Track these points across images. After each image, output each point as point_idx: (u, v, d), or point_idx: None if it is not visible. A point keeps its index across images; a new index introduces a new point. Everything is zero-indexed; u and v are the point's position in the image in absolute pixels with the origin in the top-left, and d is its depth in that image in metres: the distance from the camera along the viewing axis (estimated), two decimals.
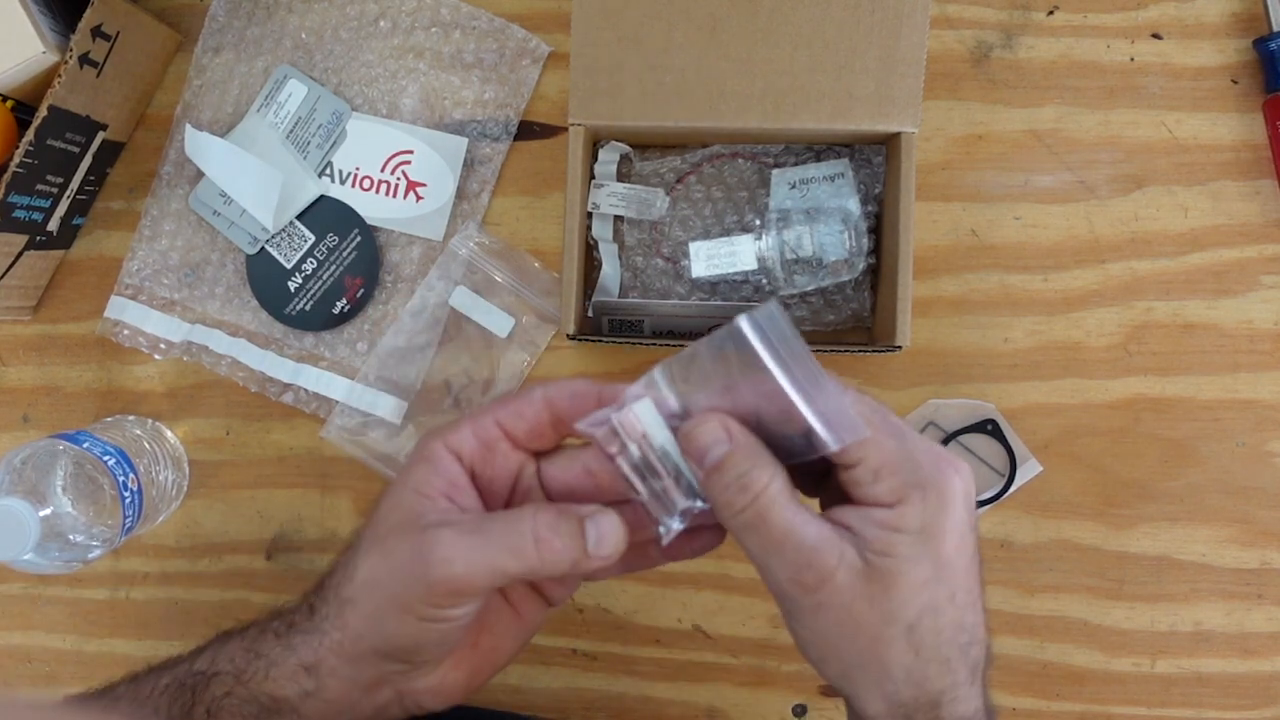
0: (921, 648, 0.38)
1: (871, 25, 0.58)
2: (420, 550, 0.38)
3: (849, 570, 0.38)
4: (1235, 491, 0.66)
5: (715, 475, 0.38)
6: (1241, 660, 0.67)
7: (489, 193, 0.67)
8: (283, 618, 0.43)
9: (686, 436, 0.39)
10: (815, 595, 0.38)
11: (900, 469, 0.38)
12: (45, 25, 0.58)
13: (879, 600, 0.38)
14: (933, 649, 0.38)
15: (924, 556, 0.38)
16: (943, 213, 0.66)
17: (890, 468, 0.38)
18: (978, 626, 0.39)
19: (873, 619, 0.38)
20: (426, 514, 0.39)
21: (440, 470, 0.40)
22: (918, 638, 0.38)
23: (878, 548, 0.38)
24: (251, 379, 0.67)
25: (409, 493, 0.40)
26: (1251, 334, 0.66)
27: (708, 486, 0.39)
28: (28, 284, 0.66)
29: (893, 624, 0.38)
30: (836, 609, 0.38)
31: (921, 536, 0.38)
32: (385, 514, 0.41)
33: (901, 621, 0.38)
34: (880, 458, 0.38)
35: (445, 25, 0.67)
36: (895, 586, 0.37)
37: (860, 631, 0.38)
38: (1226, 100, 0.66)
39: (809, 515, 0.39)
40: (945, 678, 0.38)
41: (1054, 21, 0.66)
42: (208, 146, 0.65)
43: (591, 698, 0.68)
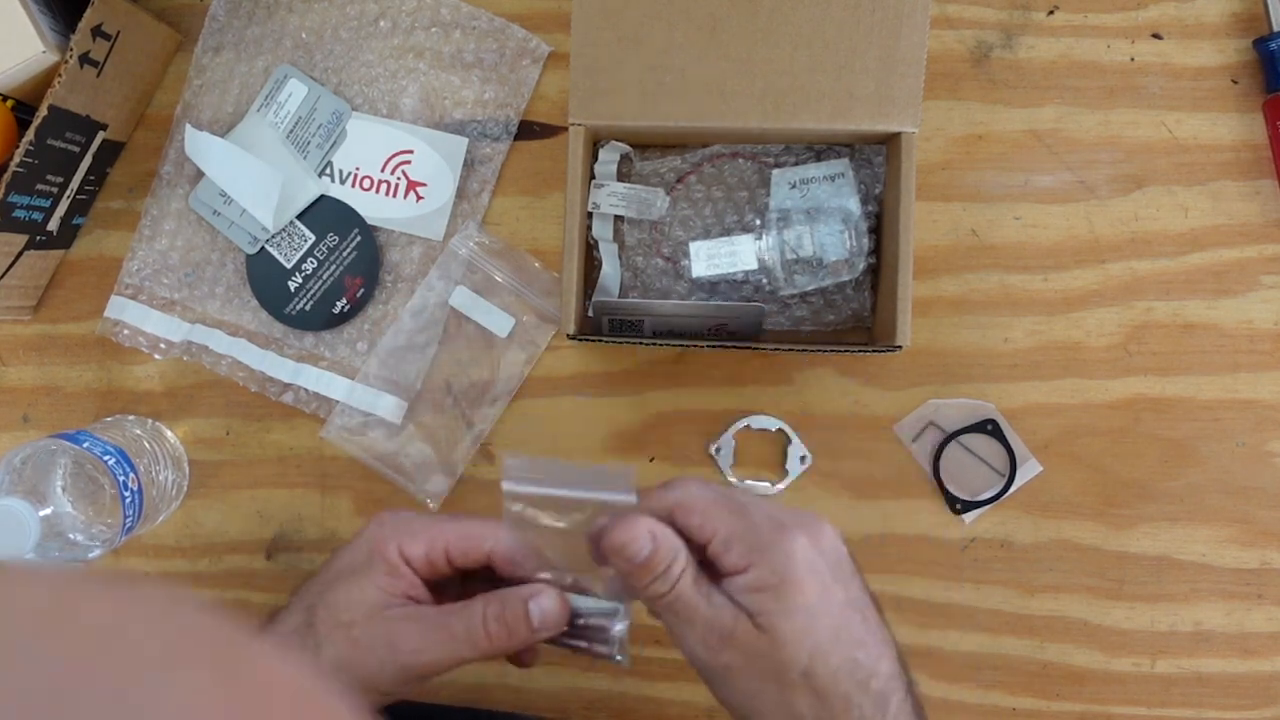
0: (820, 690, 0.43)
1: (872, 25, 0.58)
2: (392, 641, 0.46)
3: (745, 631, 0.44)
4: (1235, 491, 0.66)
5: (641, 572, 0.44)
6: (1241, 660, 0.67)
7: (489, 193, 0.67)
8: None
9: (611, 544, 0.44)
10: (721, 656, 0.44)
11: (743, 537, 0.44)
12: (45, 25, 0.58)
13: (772, 652, 0.43)
14: (830, 689, 0.43)
15: (792, 609, 0.43)
16: (943, 213, 0.66)
17: (734, 537, 0.44)
18: (877, 660, 0.44)
19: (773, 670, 0.43)
20: (391, 607, 0.47)
21: (397, 575, 0.47)
22: (815, 682, 0.43)
23: (753, 608, 0.44)
24: (251, 379, 0.67)
25: (374, 590, 0.47)
26: (1251, 334, 0.66)
27: (634, 579, 0.45)
28: (28, 284, 0.66)
29: (790, 671, 0.43)
30: (743, 668, 0.44)
31: (779, 591, 0.43)
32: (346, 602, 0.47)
33: (796, 668, 0.43)
34: (725, 531, 0.44)
35: (445, 25, 0.67)
36: (779, 637, 0.43)
37: (766, 684, 0.44)
38: (1226, 100, 0.66)
39: (714, 591, 0.45)
40: (850, 713, 0.43)
41: (1054, 21, 0.66)
42: (208, 146, 0.65)
43: (592, 698, 0.68)
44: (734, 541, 0.44)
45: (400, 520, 0.49)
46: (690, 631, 0.45)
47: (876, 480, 0.67)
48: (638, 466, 0.67)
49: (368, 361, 0.67)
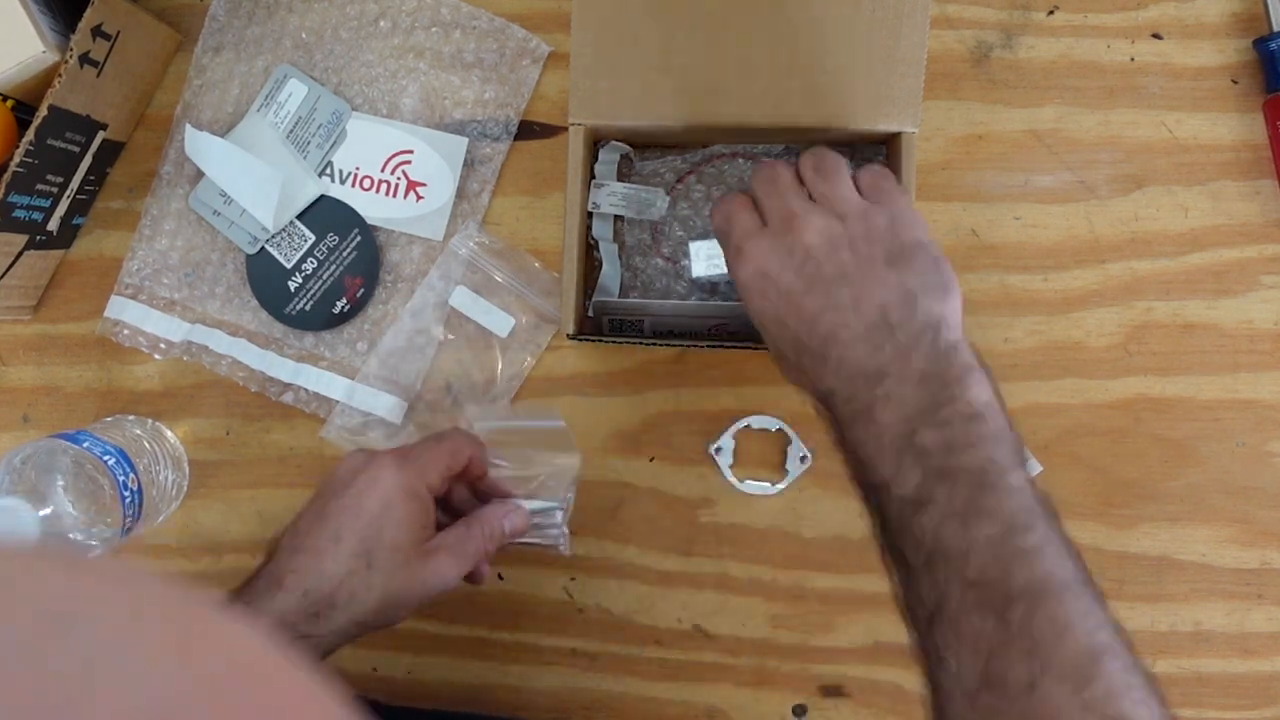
0: (787, 365, 0.51)
1: (872, 25, 0.58)
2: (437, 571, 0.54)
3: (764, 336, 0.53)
4: (1235, 491, 0.66)
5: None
6: (1241, 660, 0.67)
7: (489, 192, 0.67)
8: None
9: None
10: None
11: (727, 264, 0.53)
12: (45, 25, 0.58)
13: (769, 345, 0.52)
14: (790, 365, 0.51)
15: (756, 311, 0.51)
16: (943, 213, 0.66)
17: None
18: (813, 326, 0.49)
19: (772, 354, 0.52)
20: (421, 539, 0.54)
21: (427, 508, 0.55)
22: (785, 360, 0.51)
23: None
24: (251, 379, 0.67)
25: (419, 529, 0.54)
26: (1251, 334, 0.66)
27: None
28: (28, 284, 0.66)
29: (775, 355, 0.52)
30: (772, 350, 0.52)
31: (746, 304, 0.51)
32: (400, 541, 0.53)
33: (776, 353, 0.51)
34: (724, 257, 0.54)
35: (445, 25, 0.67)
36: (764, 336, 0.51)
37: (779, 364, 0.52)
38: (1226, 100, 0.66)
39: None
40: (804, 374, 0.50)
41: (1054, 21, 0.66)
42: (208, 146, 0.65)
43: (591, 698, 0.68)
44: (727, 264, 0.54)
45: (407, 460, 0.54)
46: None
47: None
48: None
49: (368, 361, 0.67)
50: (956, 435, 0.45)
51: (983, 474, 0.44)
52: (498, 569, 0.68)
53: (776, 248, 0.50)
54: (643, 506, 0.68)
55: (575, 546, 0.67)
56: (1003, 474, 0.44)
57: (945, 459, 0.45)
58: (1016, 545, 0.43)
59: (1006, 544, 0.43)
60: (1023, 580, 0.42)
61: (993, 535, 0.43)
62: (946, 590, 0.43)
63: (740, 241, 0.51)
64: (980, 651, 0.42)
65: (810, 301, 0.49)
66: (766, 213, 0.51)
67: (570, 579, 0.68)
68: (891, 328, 0.47)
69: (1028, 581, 0.42)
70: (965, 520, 0.43)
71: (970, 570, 0.43)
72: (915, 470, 0.45)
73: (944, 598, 0.43)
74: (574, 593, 0.68)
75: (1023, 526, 0.43)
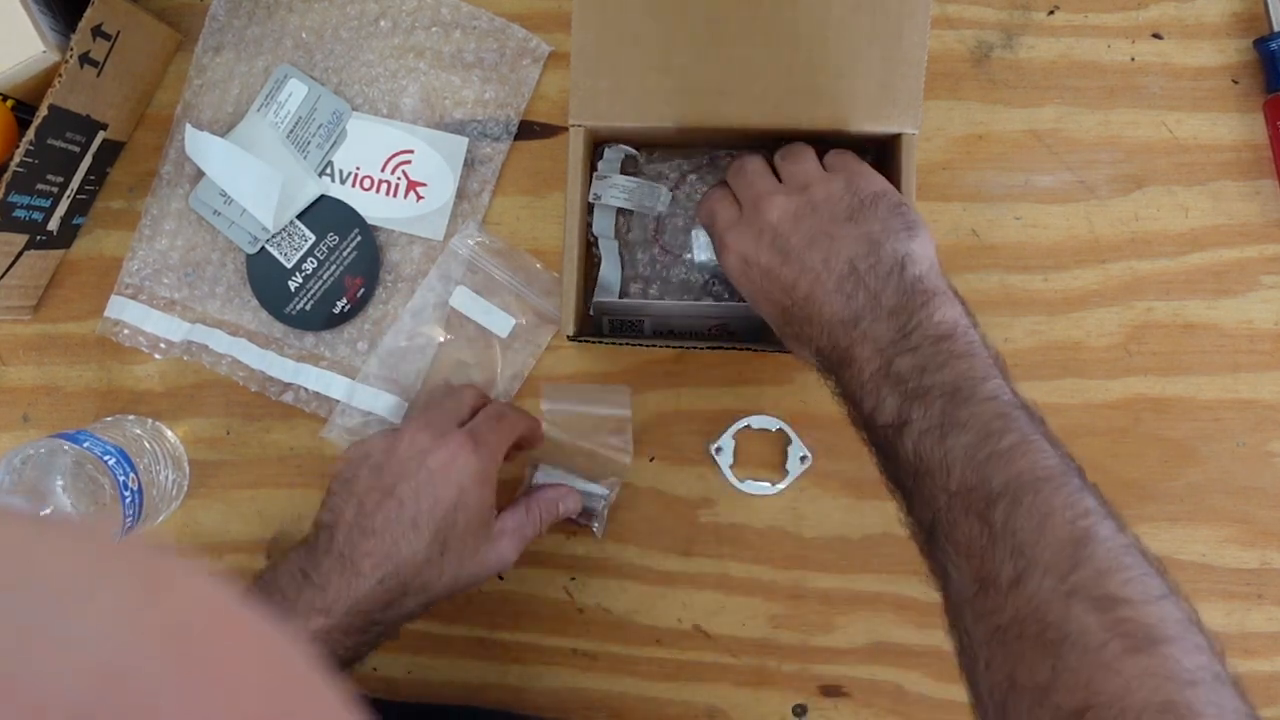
0: (784, 337, 0.55)
1: (873, 26, 0.58)
2: (502, 556, 0.58)
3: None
4: (1235, 491, 0.66)
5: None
6: (1241, 660, 0.67)
7: (489, 192, 0.67)
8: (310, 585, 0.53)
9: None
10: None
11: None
12: (45, 25, 0.58)
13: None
14: (787, 336, 0.55)
15: (747, 295, 0.55)
16: (943, 213, 0.66)
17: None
18: (793, 292, 0.52)
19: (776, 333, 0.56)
20: (490, 524, 0.57)
21: (495, 490, 0.57)
22: (782, 332, 0.55)
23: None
24: (252, 379, 0.67)
25: (481, 509, 0.56)
26: (1251, 334, 0.66)
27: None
28: (28, 284, 0.66)
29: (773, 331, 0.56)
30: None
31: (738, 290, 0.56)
32: (474, 530, 0.55)
33: (773, 329, 0.56)
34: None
35: (446, 25, 0.67)
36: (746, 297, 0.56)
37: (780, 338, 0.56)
38: (1227, 100, 0.66)
39: None
40: (799, 340, 0.53)
41: (1054, 21, 0.66)
42: (208, 146, 0.65)
43: (592, 697, 0.68)
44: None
45: (480, 444, 0.56)
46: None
47: (876, 480, 0.67)
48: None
49: (368, 361, 0.67)
50: (927, 357, 0.47)
51: (955, 389, 0.46)
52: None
53: (750, 231, 0.54)
54: (643, 506, 0.68)
55: (575, 546, 0.67)
56: (976, 385, 0.46)
57: (919, 379, 0.47)
58: (992, 449, 0.44)
59: (982, 448, 0.44)
60: (1000, 481, 0.43)
61: (969, 443, 0.45)
62: (935, 504, 0.45)
63: (722, 233, 0.55)
64: (972, 556, 0.43)
65: (787, 271, 0.52)
66: (741, 201, 0.55)
67: (570, 579, 0.68)
68: (860, 275, 0.50)
69: (1005, 481, 0.43)
70: (943, 433, 0.45)
71: (952, 481, 0.45)
72: (894, 396, 0.48)
73: (936, 512, 0.45)
74: (574, 593, 0.68)
75: (999, 431, 0.45)
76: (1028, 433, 0.45)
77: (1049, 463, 0.44)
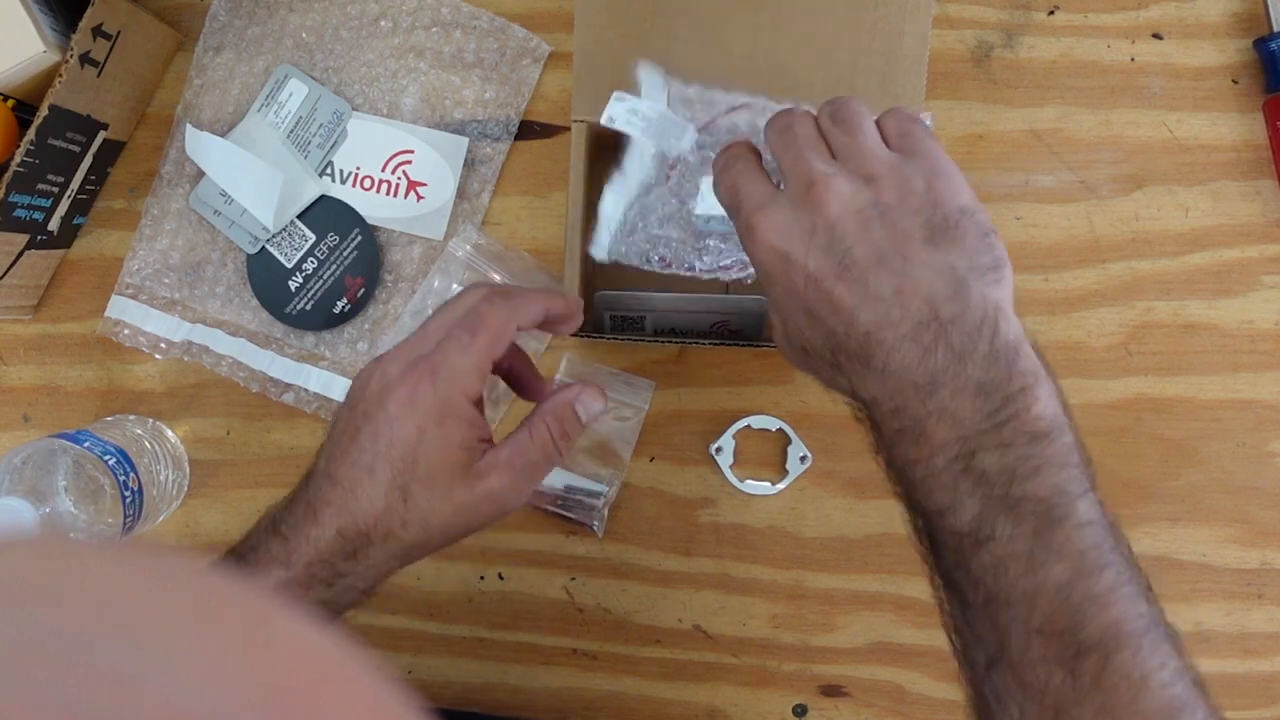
0: (813, 360, 0.46)
1: (875, 25, 0.58)
2: (494, 497, 0.48)
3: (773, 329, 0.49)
4: (1235, 491, 0.66)
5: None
6: (1241, 660, 0.67)
7: (489, 192, 0.67)
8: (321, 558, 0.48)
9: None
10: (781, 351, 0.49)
11: (740, 238, 0.46)
12: (46, 25, 0.58)
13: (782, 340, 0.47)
14: (819, 359, 0.45)
15: (773, 300, 0.46)
16: None
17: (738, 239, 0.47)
18: (850, 323, 0.42)
19: (792, 350, 0.47)
20: (466, 463, 0.47)
21: (471, 422, 0.48)
22: (809, 355, 0.46)
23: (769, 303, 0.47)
24: (252, 379, 0.67)
25: (461, 452, 0.47)
26: (1252, 334, 0.66)
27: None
28: (28, 283, 0.66)
29: (791, 351, 0.47)
30: (786, 350, 0.48)
31: (764, 288, 0.45)
32: (439, 473, 0.47)
33: (795, 349, 0.46)
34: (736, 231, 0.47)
35: (446, 25, 0.67)
36: (778, 328, 0.47)
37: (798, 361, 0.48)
38: (1227, 100, 0.66)
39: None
40: (842, 374, 0.44)
41: (1055, 21, 0.66)
42: (208, 146, 0.65)
43: (592, 697, 0.68)
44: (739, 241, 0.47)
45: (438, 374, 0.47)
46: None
47: (876, 480, 0.66)
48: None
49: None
50: (1020, 459, 0.40)
51: (1050, 505, 0.40)
52: (497, 569, 0.68)
53: (797, 223, 0.43)
54: (643, 506, 0.68)
55: (575, 546, 0.67)
56: (1072, 504, 0.40)
57: (1008, 487, 0.40)
58: (1087, 589, 0.39)
59: (1076, 588, 0.39)
60: (1095, 630, 0.38)
61: (1061, 579, 0.39)
62: (1008, 635, 0.40)
63: (752, 214, 0.44)
64: (1047, 706, 0.39)
65: (844, 292, 0.42)
66: (783, 175, 0.44)
67: (570, 579, 0.68)
68: (943, 325, 0.41)
69: (1100, 631, 0.38)
70: (1031, 561, 0.39)
71: (1036, 617, 0.39)
72: (974, 499, 0.40)
73: (1005, 643, 0.40)
74: (574, 593, 0.68)
75: (1094, 567, 0.39)
76: (1122, 571, 0.40)
77: (1142, 611, 0.39)
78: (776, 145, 0.45)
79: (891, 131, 0.45)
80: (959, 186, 0.44)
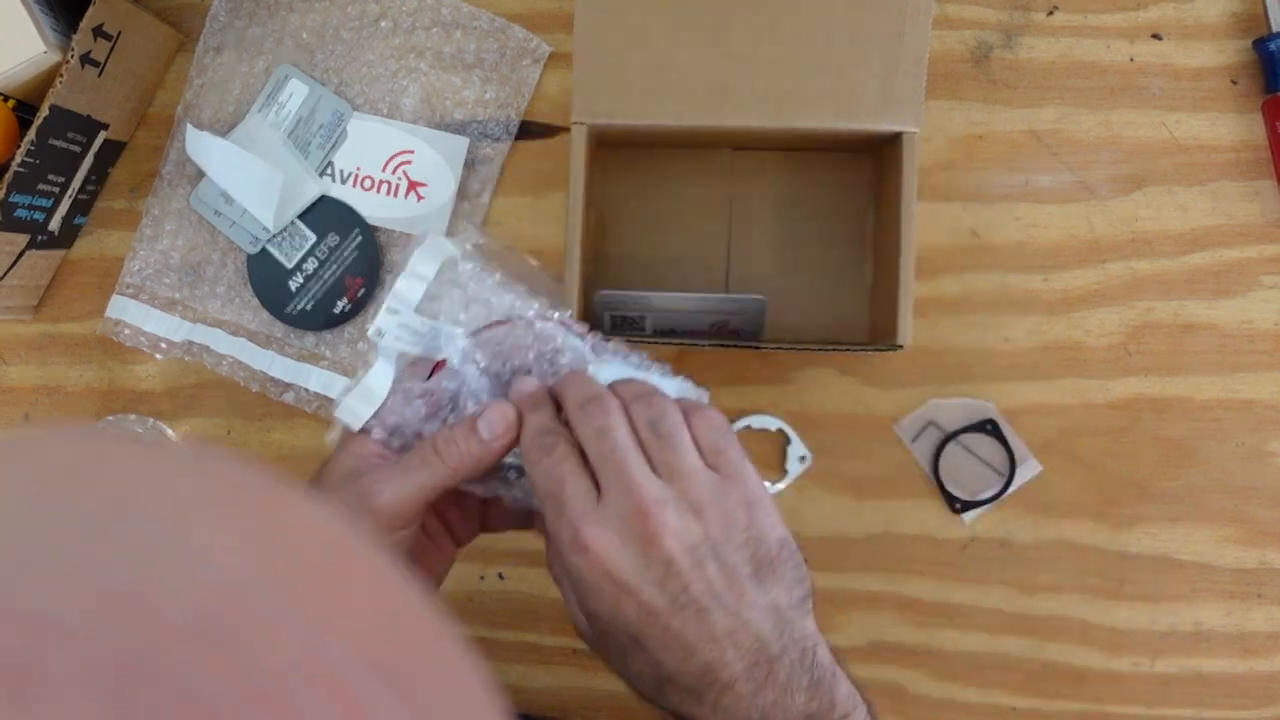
0: (633, 680, 0.46)
1: (875, 25, 0.58)
2: (363, 493, 0.46)
3: (580, 624, 0.49)
4: (1235, 491, 0.67)
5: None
6: (1241, 660, 0.67)
7: (490, 192, 0.67)
8: None
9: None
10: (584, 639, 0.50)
11: (555, 538, 0.45)
12: (46, 25, 0.58)
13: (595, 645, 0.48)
14: (639, 681, 0.46)
15: (593, 613, 0.45)
16: (943, 213, 0.66)
17: (552, 536, 0.46)
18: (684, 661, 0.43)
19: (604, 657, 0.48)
20: (361, 468, 0.48)
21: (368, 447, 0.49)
22: (628, 673, 0.46)
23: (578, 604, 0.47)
24: (252, 379, 0.67)
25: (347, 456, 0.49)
26: (1251, 334, 0.66)
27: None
28: (29, 283, 0.66)
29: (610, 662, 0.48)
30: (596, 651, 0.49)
31: (582, 599, 0.45)
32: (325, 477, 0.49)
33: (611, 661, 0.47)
34: (548, 527, 0.46)
35: (446, 25, 0.67)
36: (593, 638, 0.48)
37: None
38: (1226, 100, 0.66)
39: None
40: (669, 701, 0.45)
41: (1054, 22, 0.66)
42: (209, 146, 0.65)
43: (592, 697, 0.68)
44: (552, 538, 0.46)
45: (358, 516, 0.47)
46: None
47: (876, 480, 0.67)
48: None
49: None
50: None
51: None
52: (497, 568, 0.68)
53: (629, 549, 0.42)
54: None
55: None
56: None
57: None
58: None
59: None
60: None
61: None
62: None
63: (581, 526, 0.43)
64: None
65: (680, 627, 0.42)
66: (605, 485, 0.43)
67: None
68: (771, 663, 0.42)
69: None
70: None
71: None
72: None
73: None
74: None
75: None
76: None
77: None
78: (593, 447, 0.44)
79: (705, 445, 0.45)
80: (774, 515, 0.45)
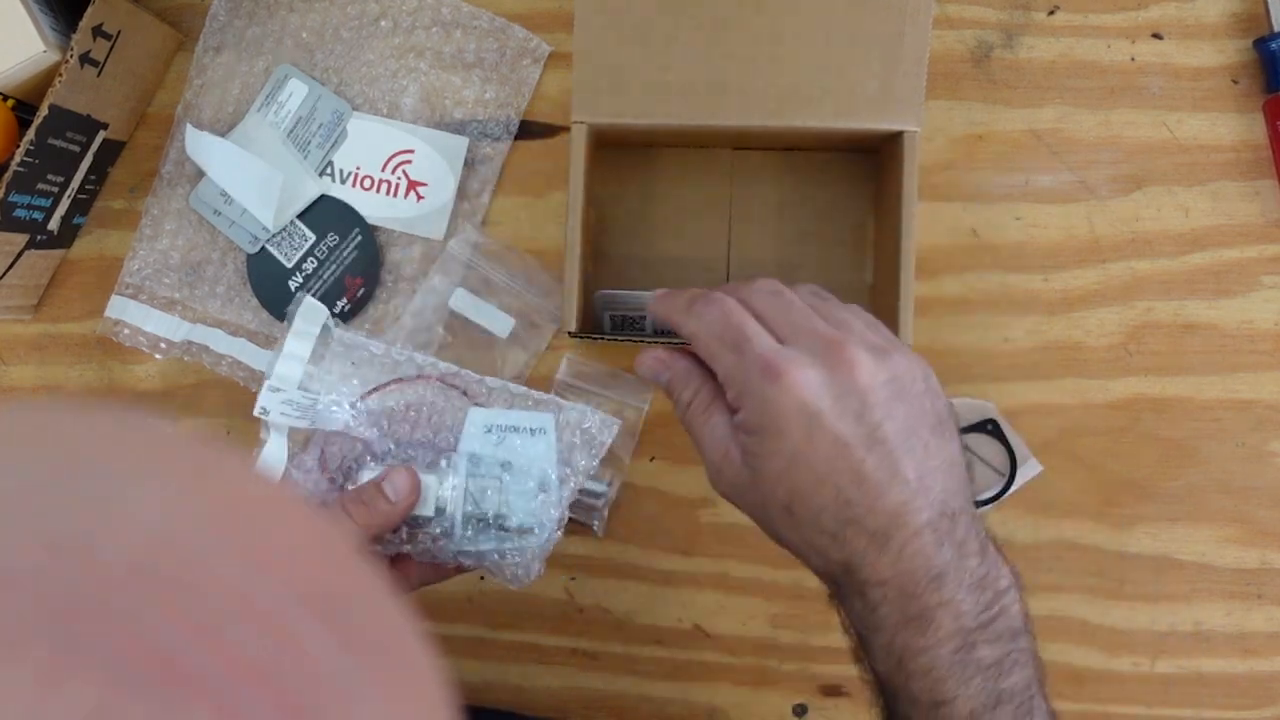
0: (801, 525, 0.43)
1: (875, 24, 0.58)
2: None
3: (732, 465, 0.45)
4: (1235, 491, 0.67)
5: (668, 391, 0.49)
6: (1241, 660, 0.67)
7: (489, 192, 0.67)
8: None
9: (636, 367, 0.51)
10: (718, 483, 0.47)
11: (734, 378, 0.44)
12: (46, 24, 0.58)
13: (754, 487, 0.44)
14: (813, 525, 0.43)
15: (771, 452, 0.43)
16: (943, 213, 0.66)
17: (728, 378, 0.44)
18: (876, 498, 0.42)
19: (759, 502, 0.45)
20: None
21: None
22: (796, 517, 0.43)
23: (743, 447, 0.44)
24: (252, 378, 0.67)
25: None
26: (1252, 334, 0.66)
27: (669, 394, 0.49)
28: (28, 283, 0.66)
29: (770, 507, 0.44)
30: (737, 496, 0.46)
31: (761, 436, 0.43)
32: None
33: (777, 504, 0.44)
34: (722, 370, 0.45)
35: (446, 25, 0.67)
36: (759, 476, 0.44)
37: (756, 512, 0.45)
38: (1226, 100, 0.66)
39: (719, 423, 0.46)
40: (843, 548, 0.42)
41: (1054, 21, 0.66)
42: (208, 146, 0.65)
43: (592, 697, 0.68)
44: (729, 382, 0.44)
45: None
46: (701, 454, 0.47)
47: None
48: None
49: None
50: (1004, 652, 0.42)
51: (1024, 699, 0.42)
52: None
53: (824, 377, 0.41)
54: (643, 506, 0.68)
55: (575, 546, 0.67)
56: (1035, 699, 0.43)
57: (998, 680, 0.42)
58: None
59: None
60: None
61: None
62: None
63: (770, 354, 0.42)
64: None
65: (873, 466, 0.41)
66: (786, 334, 0.43)
67: (570, 579, 0.68)
68: (953, 517, 0.42)
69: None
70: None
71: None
72: (974, 691, 0.42)
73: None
74: (574, 592, 0.68)
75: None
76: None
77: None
78: (765, 303, 0.45)
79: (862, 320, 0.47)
80: (937, 384, 0.45)
